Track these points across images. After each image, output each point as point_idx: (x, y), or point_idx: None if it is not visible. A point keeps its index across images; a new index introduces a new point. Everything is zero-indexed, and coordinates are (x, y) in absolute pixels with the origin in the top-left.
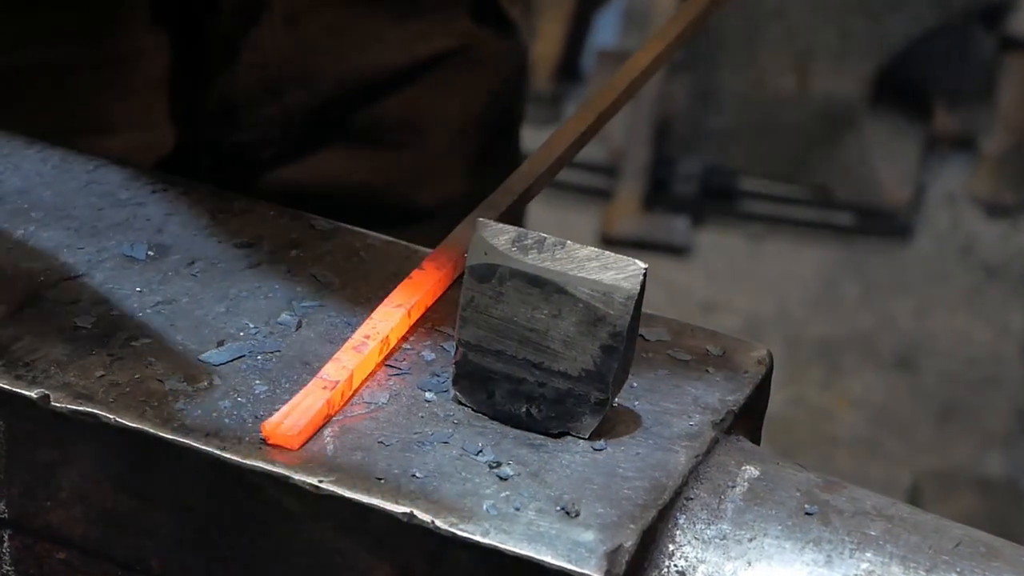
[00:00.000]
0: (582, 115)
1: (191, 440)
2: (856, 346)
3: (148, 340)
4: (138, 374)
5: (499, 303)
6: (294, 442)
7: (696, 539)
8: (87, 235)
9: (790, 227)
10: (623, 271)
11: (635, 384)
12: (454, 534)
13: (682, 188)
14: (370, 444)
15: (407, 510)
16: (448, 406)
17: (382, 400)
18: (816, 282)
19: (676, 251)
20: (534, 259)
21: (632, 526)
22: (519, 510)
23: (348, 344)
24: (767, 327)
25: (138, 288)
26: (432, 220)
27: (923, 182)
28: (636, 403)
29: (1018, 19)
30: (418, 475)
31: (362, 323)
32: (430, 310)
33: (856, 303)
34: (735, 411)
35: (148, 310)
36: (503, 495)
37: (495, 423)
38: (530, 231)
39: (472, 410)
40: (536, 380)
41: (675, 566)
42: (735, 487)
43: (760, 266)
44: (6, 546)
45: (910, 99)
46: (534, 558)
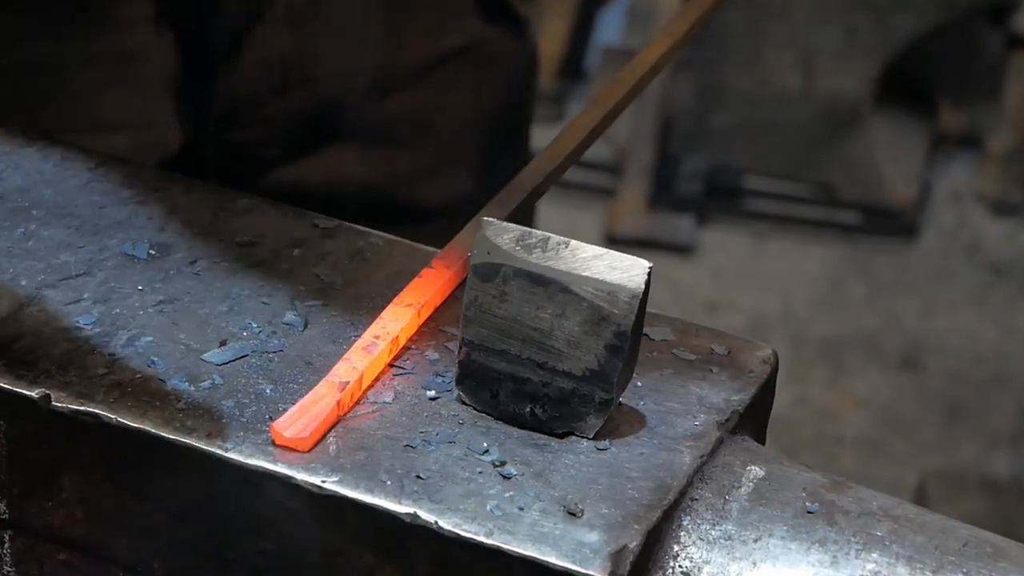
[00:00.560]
0: (590, 112)
1: (193, 440)
2: (861, 345)
3: (150, 339)
4: (140, 374)
5: (503, 302)
6: (305, 445)
7: (701, 540)
8: (88, 233)
9: (795, 226)
10: (627, 270)
11: (639, 384)
12: (458, 534)
13: (686, 187)
14: (373, 444)
15: (411, 510)
16: (452, 406)
17: (386, 400)
18: (821, 281)
19: (680, 250)
20: (538, 258)
21: (636, 526)
22: (523, 510)
23: (358, 344)
24: (772, 326)
25: (140, 287)
26: (440, 219)
27: (929, 181)
28: (641, 403)
29: None
30: (421, 475)
31: (365, 322)
32: (436, 310)
33: (861, 302)
34: (740, 411)
35: (150, 309)
36: (507, 495)
37: (499, 423)
38: (534, 230)
39: (476, 410)
40: (540, 380)
41: (680, 567)
42: (740, 487)
43: (765, 265)
44: (7, 547)
45: (915, 97)
46: (538, 559)
